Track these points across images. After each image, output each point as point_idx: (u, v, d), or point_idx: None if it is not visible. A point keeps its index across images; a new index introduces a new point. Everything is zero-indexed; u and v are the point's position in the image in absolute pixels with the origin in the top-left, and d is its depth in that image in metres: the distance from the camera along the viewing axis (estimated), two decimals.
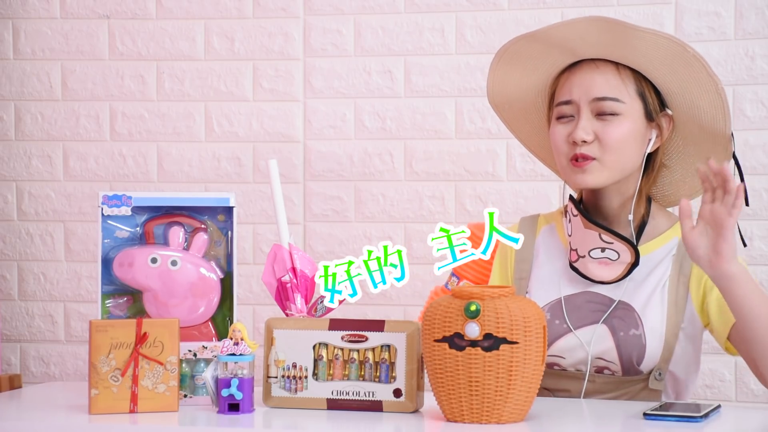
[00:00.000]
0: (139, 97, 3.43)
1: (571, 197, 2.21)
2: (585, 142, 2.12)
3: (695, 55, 2.06)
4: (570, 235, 2.20)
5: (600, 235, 2.15)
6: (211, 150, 3.41)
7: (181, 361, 2.05)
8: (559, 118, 2.17)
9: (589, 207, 2.22)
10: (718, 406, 1.98)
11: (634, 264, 2.15)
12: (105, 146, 3.45)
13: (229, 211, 2.17)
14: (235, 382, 1.94)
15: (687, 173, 2.24)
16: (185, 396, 2.07)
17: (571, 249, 2.20)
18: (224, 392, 1.94)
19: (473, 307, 1.82)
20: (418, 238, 3.31)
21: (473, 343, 1.82)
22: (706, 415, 1.89)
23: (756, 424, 1.92)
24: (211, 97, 3.41)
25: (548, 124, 2.22)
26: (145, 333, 1.96)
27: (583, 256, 2.18)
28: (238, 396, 1.94)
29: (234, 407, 1.94)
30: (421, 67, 3.31)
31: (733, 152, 2.16)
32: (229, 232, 2.17)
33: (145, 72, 3.43)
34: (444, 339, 1.84)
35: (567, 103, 2.15)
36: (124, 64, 3.44)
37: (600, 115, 2.13)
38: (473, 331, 1.82)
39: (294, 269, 2.11)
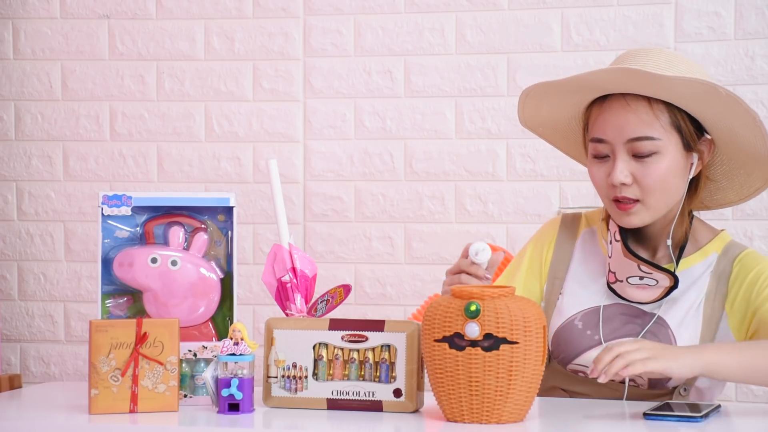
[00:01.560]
0: (139, 97, 3.43)
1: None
2: (624, 184, 2.06)
3: (729, 94, 1.99)
4: (610, 257, 2.15)
5: (639, 266, 2.11)
6: (211, 150, 3.41)
7: (181, 361, 2.05)
8: (595, 156, 2.10)
9: (630, 228, 2.15)
10: (718, 406, 1.98)
11: (673, 287, 2.10)
12: (105, 146, 3.45)
13: (229, 211, 2.17)
14: (235, 382, 1.94)
15: (734, 182, 2.17)
16: (185, 396, 2.07)
17: (610, 270, 2.15)
18: (224, 392, 1.94)
19: (473, 307, 1.82)
20: (418, 238, 3.31)
21: (473, 343, 1.82)
22: (706, 415, 1.89)
23: (756, 424, 1.92)
24: (211, 97, 3.41)
25: (585, 148, 2.16)
26: (145, 333, 1.96)
27: (622, 281, 2.13)
28: (238, 396, 1.94)
29: (234, 407, 1.94)
30: (421, 67, 3.31)
31: None
32: (229, 232, 2.17)
33: (145, 72, 3.43)
34: (444, 339, 1.84)
35: (601, 141, 2.08)
36: (124, 64, 3.44)
37: (636, 155, 2.05)
38: (473, 331, 1.82)
39: (294, 269, 2.11)
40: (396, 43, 3.32)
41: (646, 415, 1.89)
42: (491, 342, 1.82)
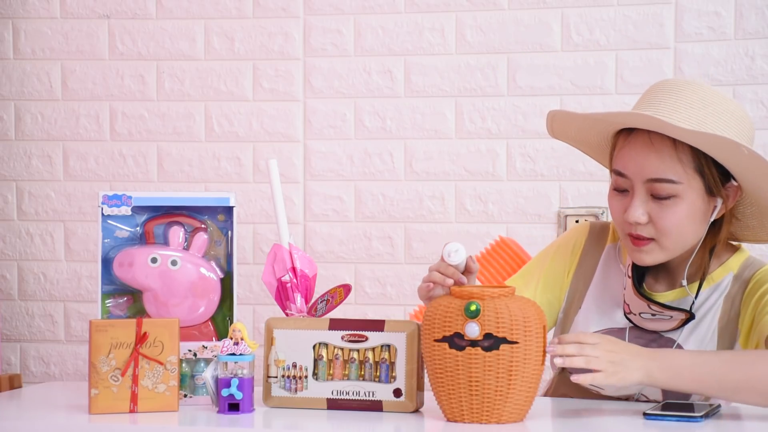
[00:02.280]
0: (139, 97, 3.43)
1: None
2: (639, 223, 2.02)
3: (752, 153, 1.94)
4: (625, 289, 2.13)
5: (649, 305, 2.08)
6: (211, 150, 3.41)
7: (181, 361, 2.05)
8: (616, 188, 2.06)
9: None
10: (718, 406, 1.98)
11: (689, 318, 2.06)
12: (105, 146, 3.45)
13: (229, 211, 2.17)
14: (235, 382, 1.94)
15: (764, 224, 2.11)
16: (185, 396, 2.07)
17: (625, 302, 2.12)
18: (224, 392, 1.94)
19: (473, 307, 1.82)
20: (418, 238, 3.31)
21: (473, 343, 1.82)
22: (706, 415, 1.89)
23: (756, 425, 1.92)
24: (211, 97, 3.41)
25: (610, 166, 2.11)
26: (145, 333, 1.96)
27: (636, 314, 2.10)
28: (238, 396, 1.94)
29: (234, 407, 1.94)
30: (421, 67, 3.31)
31: None
32: (229, 232, 2.17)
33: (145, 72, 3.43)
34: (444, 339, 1.84)
35: (621, 175, 2.03)
36: (124, 64, 3.44)
37: (655, 196, 2.00)
38: (473, 330, 1.82)
39: (294, 269, 2.11)
40: (396, 43, 3.32)
41: (646, 415, 1.89)
42: (491, 342, 1.82)
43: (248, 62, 3.39)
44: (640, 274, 2.12)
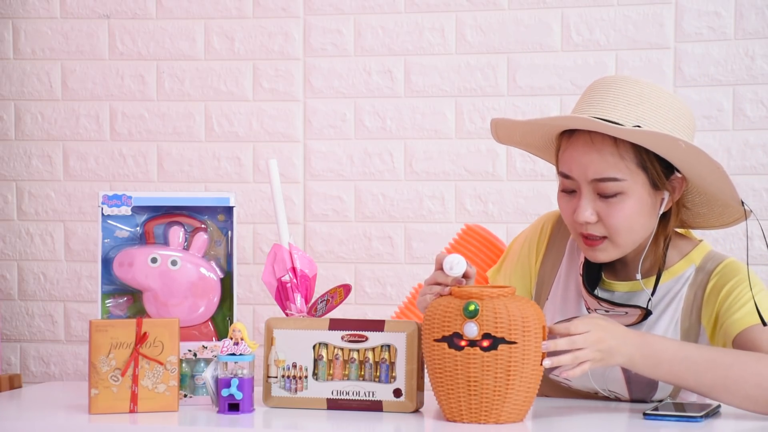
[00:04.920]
0: (139, 97, 3.43)
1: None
2: (589, 223, 2.03)
3: (690, 147, 1.95)
4: (581, 285, 2.15)
5: (599, 303, 2.09)
6: (211, 150, 3.41)
7: (181, 361, 2.05)
8: (563, 189, 2.08)
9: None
10: (718, 406, 1.98)
11: (647, 314, 2.07)
12: (105, 146, 3.45)
13: (229, 210, 2.17)
14: (235, 382, 1.94)
15: (713, 211, 2.13)
16: (185, 396, 2.07)
17: (584, 297, 2.14)
18: (224, 392, 1.94)
19: (472, 307, 1.82)
20: (418, 238, 3.31)
21: (472, 343, 1.82)
22: (706, 415, 1.89)
23: (755, 425, 1.92)
24: (211, 97, 3.41)
25: (557, 167, 2.12)
26: (145, 333, 1.97)
27: (593, 311, 2.12)
28: (238, 396, 1.94)
29: (234, 407, 1.95)
30: (421, 67, 3.31)
31: (751, 211, 2.07)
32: (229, 232, 2.17)
33: (145, 72, 3.43)
34: (443, 339, 1.84)
35: (567, 177, 2.05)
36: (124, 64, 3.44)
37: (601, 195, 2.02)
38: (472, 330, 1.82)
39: (294, 269, 2.11)
40: (396, 43, 3.32)
41: (646, 415, 1.89)
42: (490, 342, 1.82)
43: (248, 62, 3.39)
44: (594, 270, 2.14)
